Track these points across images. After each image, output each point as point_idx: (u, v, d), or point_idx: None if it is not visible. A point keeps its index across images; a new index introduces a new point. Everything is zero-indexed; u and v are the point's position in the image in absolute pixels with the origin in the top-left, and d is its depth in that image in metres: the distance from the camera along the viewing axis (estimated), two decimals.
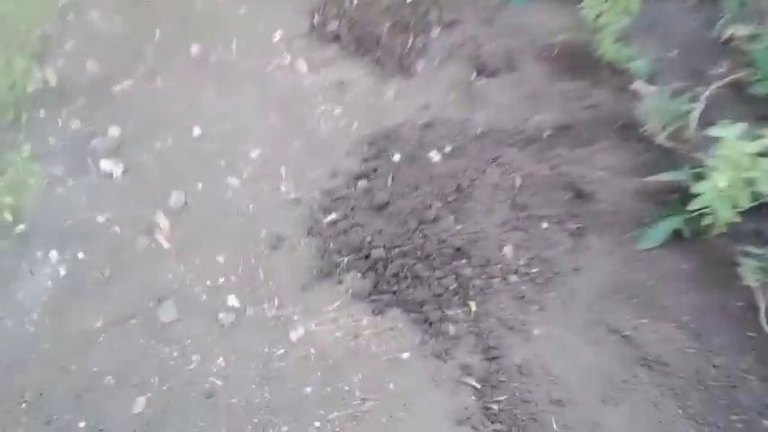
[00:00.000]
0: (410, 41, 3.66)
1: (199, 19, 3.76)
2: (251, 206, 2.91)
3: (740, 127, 2.33)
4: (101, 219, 2.90)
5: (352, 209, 2.79)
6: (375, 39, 3.69)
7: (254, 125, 3.28)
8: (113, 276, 2.68)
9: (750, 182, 2.24)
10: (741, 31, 3.32)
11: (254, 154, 3.16)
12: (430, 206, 2.67)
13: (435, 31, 3.72)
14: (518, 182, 2.74)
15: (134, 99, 3.40)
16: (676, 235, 2.56)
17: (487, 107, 3.30)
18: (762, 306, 2.24)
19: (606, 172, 2.89)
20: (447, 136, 3.05)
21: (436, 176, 2.79)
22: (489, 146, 2.96)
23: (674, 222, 2.56)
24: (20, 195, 2.99)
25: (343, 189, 2.91)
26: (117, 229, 2.86)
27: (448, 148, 2.96)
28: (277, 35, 3.74)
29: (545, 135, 3.07)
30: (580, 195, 2.77)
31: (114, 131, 3.25)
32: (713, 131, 2.39)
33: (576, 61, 3.42)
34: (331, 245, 2.69)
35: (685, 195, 2.59)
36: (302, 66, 3.60)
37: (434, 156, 2.92)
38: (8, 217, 2.90)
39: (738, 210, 2.32)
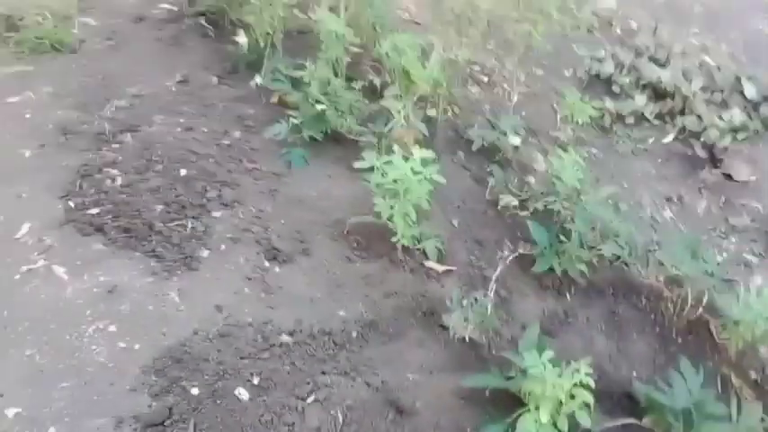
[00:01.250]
0: (189, 226, 3.31)
1: None
2: None
3: (548, 354, 2.40)
4: None
5: None
6: (147, 226, 3.26)
7: (5, 368, 2.64)
8: None
9: (570, 414, 2.30)
10: (511, 201, 3.55)
11: (11, 413, 2.52)
12: None
13: (216, 212, 3.41)
14: (339, 417, 2.53)
15: None
16: None
17: (287, 302, 3.06)
18: None
19: (420, 374, 2.82)
20: (249, 355, 2.75)
21: (247, 424, 2.46)
22: (300, 365, 2.72)
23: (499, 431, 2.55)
24: None
25: None
26: None
27: (254, 380, 2.64)
28: (24, 228, 3.15)
29: (353, 336, 2.92)
30: (401, 411, 2.65)
31: None
32: (525, 361, 2.42)
33: (370, 239, 3.36)
34: None
35: (503, 397, 2.62)
36: (60, 270, 3.04)
37: (241, 392, 2.59)
38: None
39: None
